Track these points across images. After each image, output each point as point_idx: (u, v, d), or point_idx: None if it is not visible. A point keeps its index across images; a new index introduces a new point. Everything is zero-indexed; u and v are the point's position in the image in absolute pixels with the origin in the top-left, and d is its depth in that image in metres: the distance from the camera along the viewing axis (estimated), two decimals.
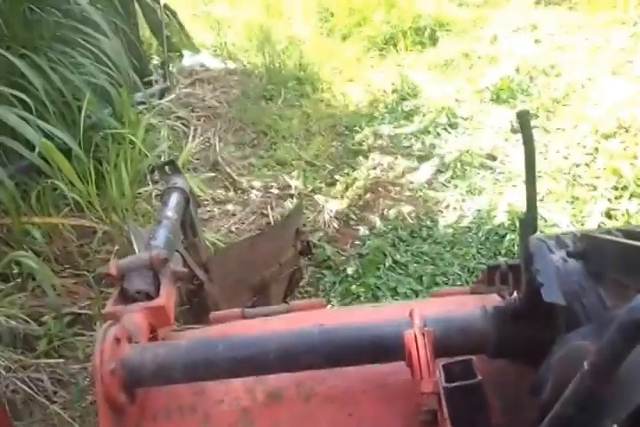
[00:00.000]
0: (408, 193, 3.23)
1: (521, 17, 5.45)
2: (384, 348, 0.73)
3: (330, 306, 2.27)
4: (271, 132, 4.16)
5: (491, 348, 0.75)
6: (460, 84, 4.42)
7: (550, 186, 3.10)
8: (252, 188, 3.43)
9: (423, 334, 0.71)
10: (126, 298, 0.91)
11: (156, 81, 5.02)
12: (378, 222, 3.06)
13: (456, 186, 3.25)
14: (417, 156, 3.58)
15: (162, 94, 4.70)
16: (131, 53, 4.36)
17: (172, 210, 1.30)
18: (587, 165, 3.25)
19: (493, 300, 0.82)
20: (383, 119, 4.20)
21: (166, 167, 1.47)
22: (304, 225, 2.78)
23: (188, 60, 5.64)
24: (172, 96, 4.56)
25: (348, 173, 3.54)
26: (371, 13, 5.43)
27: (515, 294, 0.77)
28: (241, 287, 1.83)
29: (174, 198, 1.36)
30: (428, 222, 3.05)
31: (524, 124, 0.70)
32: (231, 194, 3.44)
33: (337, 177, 3.57)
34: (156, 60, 5.52)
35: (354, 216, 3.16)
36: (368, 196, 3.23)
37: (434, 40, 5.31)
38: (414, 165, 3.48)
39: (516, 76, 4.23)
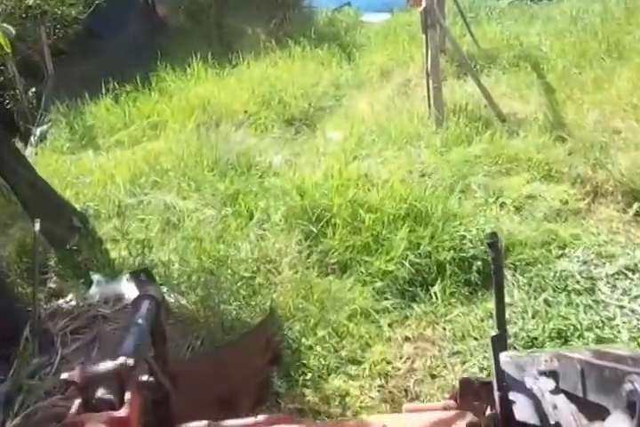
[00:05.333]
0: None
1: (618, 241, 3.49)
2: None
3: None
4: None
5: None
6: None
7: None
8: None
9: None
10: (89, 407, 0.91)
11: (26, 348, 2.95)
12: None
13: None
14: None
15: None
16: None
17: (142, 317, 1.28)
18: None
19: (467, 416, 0.82)
20: None
21: (141, 274, 1.47)
22: (274, 334, 2.57)
23: (98, 289, 3.56)
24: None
25: None
26: (386, 232, 3.44)
27: (488, 410, 0.78)
28: (209, 398, 1.70)
29: (145, 306, 1.33)
30: None
31: (492, 244, 0.83)
32: None
33: None
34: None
35: None
36: None
37: (489, 279, 3.28)
38: None
39: None
